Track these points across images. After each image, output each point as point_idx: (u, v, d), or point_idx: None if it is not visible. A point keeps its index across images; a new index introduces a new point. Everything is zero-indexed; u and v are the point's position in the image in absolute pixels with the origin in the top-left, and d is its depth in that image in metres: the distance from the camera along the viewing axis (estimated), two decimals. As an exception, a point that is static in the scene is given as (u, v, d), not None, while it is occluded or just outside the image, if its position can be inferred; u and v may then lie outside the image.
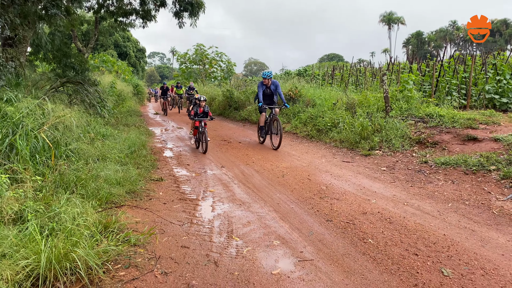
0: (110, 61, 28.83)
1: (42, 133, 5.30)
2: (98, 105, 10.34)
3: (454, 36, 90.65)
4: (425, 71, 13.72)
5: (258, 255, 3.63)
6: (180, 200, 5.35)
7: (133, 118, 15.80)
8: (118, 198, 4.90)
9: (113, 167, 5.75)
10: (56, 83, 9.70)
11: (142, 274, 3.18)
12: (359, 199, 5.34)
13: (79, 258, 2.93)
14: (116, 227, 3.81)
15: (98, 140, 7.30)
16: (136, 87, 30.02)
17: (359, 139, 8.88)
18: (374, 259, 3.55)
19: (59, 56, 12.37)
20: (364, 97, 11.18)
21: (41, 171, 4.76)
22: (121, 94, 20.71)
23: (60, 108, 6.34)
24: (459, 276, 3.21)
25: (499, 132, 7.24)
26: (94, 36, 19.22)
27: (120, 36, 44.71)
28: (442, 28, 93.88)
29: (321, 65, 31.40)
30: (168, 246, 3.79)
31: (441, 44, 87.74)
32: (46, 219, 3.48)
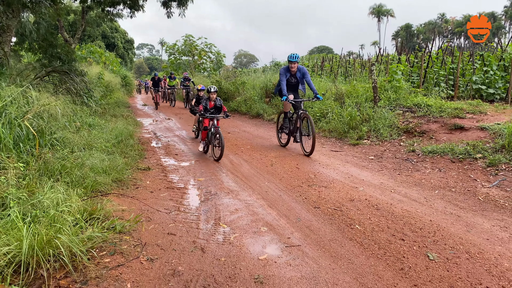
0: (98, 52, 28.44)
1: (26, 122, 5.20)
2: (85, 95, 10.20)
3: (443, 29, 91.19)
4: (414, 62, 13.76)
5: (245, 241, 3.61)
6: (168, 189, 5.30)
7: (121, 109, 15.63)
8: (104, 186, 4.84)
9: (99, 156, 5.68)
10: (41, 72, 9.52)
11: (127, 260, 3.14)
12: (347, 187, 5.35)
13: (62, 245, 2.88)
14: (102, 215, 3.75)
15: (85, 129, 7.19)
16: (124, 78, 29.68)
17: (348, 129, 8.90)
18: (361, 245, 3.56)
19: (45, 46, 12.15)
20: (353, 88, 11.19)
21: (25, 160, 4.67)
22: (109, 85, 20.46)
23: (45, 96, 6.23)
24: (445, 260, 3.23)
25: (486, 121, 7.30)
26: (81, 27, 18.89)
27: (108, 27, 44.08)
28: (431, 21, 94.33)
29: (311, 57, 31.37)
30: (154, 233, 3.76)
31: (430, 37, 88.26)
32: (29, 207, 3.41)
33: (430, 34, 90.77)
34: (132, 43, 52.87)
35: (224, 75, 22.66)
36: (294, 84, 8.03)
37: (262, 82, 15.66)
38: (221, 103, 8.00)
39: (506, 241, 3.59)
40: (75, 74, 10.67)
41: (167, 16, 15.62)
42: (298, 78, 7.99)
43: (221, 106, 7.79)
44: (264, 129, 11.22)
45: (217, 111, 7.87)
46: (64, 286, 2.75)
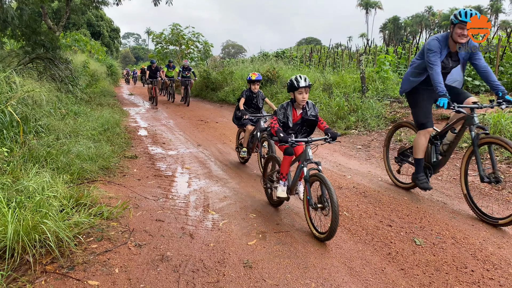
0: (83, 40, 27.87)
1: (10, 107, 5.09)
2: (70, 83, 10.02)
3: (430, 22, 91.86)
4: (401, 53, 13.85)
5: (234, 228, 3.61)
6: (155, 177, 5.26)
7: (107, 98, 15.40)
8: (91, 174, 4.77)
9: (85, 143, 5.59)
10: (25, 59, 9.32)
11: (115, 246, 3.11)
12: (335, 175, 5.38)
13: (48, 230, 2.83)
14: (89, 201, 3.70)
15: (70, 117, 7.08)
16: (110, 67, 29.23)
17: (336, 119, 8.93)
18: (349, 230, 3.58)
19: (28, 33, 11.86)
20: (341, 78, 11.22)
21: (9, 146, 4.57)
22: (95, 74, 20.12)
23: (29, 82, 6.11)
24: (431, 245, 3.27)
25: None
26: (65, 14, 18.45)
27: (93, 15, 43.26)
28: (418, 14, 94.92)
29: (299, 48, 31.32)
30: (142, 220, 3.73)
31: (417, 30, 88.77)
32: (14, 192, 3.35)
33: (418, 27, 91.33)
34: (118, 32, 52.06)
35: (211, 65, 22.49)
36: None
37: (250, 72, 15.59)
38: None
39: (491, 227, 3.65)
40: (59, 62, 10.48)
41: (154, 4, 15.43)
42: None
43: (315, 118, 4.03)
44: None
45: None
46: (50, 271, 2.71)
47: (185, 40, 25.69)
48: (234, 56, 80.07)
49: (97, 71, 21.53)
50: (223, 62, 25.89)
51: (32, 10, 14.32)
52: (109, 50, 43.95)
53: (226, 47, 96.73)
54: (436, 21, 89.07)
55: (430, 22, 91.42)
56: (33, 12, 14.20)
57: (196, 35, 25.87)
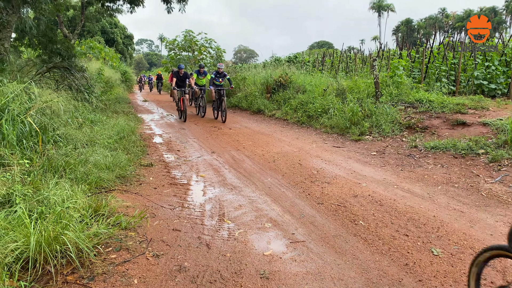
0: (97, 48, 28.31)
1: (29, 118, 5.21)
2: (86, 91, 10.19)
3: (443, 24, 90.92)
4: (415, 57, 13.74)
5: (250, 237, 3.63)
6: (171, 185, 5.31)
7: (122, 105, 15.61)
8: (108, 183, 4.85)
9: (102, 152, 5.68)
10: (42, 68, 9.51)
11: (133, 256, 3.16)
12: (350, 183, 5.36)
13: (69, 241, 2.89)
14: (107, 211, 3.77)
15: (87, 125, 7.20)
16: (124, 74, 29.61)
17: (350, 125, 8.90)
18: (365, 240, 3.57)
19: (45, 41, 12.11)
20: (354, 83, 11.18)
21: (29, 156, 4.68)
22: (109, 81, 20.42)
23: (47, 92, 6.23)
24: (449, 255, 3.25)
25: (488, 117, 7.30)
26: (80, 22, 18.83)
27: (107, 22, 43.92)
28: (432, 16, 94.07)
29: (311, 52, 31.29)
30: (159, 229, 3.77)
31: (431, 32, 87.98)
32: (35, 203, 3.42)
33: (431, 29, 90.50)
34: (131, 39, 52.69)
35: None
36: None
37: (263, 78, 15.62)
38: None
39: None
40: (75, 70, 10.67)
41: (167, 11, 15.55)
42: None
43: None
44: (266, 125, 11.22)
45: None
46: (71, 281, 2.76)
47: (198, 46, 25.86)
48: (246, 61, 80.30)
49: (112, 78, 21.84)
50: (236, 67, 25.99)
51: (48, 18, 14.62)
52: (123, 56, 44.52)
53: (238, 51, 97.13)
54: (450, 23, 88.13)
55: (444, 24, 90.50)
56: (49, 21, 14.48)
57: (208, 41, 26.04)
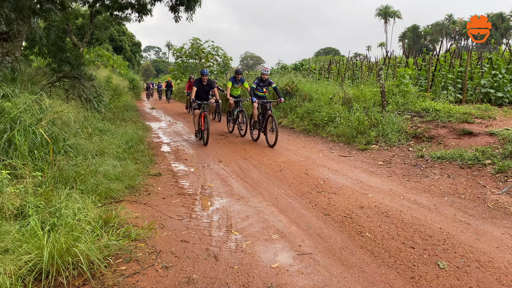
0: (106, 56, 28.64)
1: (40, 129, 5.31)
2: (94, 100, 10.33)
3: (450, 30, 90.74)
4: (421, 65, 13.76)
5: (257, 249, 3.67)
6: (179, 195, 5.38)
7: (130, 113, 15.77)
8: (117, 193, 4.93)
9: (111, 162, 5.77)
10: (52, 78, 9.67)
11: (143, 268, 3.22)
12: (356, 193, 5.39)
13: (81, 253, 2.96)
14: (117, 222, 3.83)
15: (96, 135, 7.31)
16: (132, 81, 29.91)
17: (356, 134, 8.93)
18: (372, 253, 3.60)
19: (55, 50, 12.30)
20: (361, 92, 11.22)
21: (40, 167, 4.77)
22: (117, 89, 20.64)
23: (58, 103, 6.34)
24: (455, 269, 3.27)
25: (495, 127, 7.30)
26: (89, 30, 19.12)
27: (116, 30, 44.40)
28: (438, 22, 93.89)
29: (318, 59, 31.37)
30: (168, 240, 3.83)
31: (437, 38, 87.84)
32: (47, 215, 3.50)
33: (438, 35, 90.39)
34: (139, 46, 53.20)
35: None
36: None
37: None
38: None
39: (516, 250, 3.62)
40: (85, 79, 10.82)
41: (175, 20, 15.72)
42: None
43: None
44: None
45: None
46: (83, 293, 2.83)
47: (205, 53, 26.07)
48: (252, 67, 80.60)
49: (120, 86, 22.06)
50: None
51: (57, 27, 14.85)
52: (130, 64, 44.91)
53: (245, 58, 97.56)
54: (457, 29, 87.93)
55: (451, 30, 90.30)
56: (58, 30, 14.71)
57: (215, 49, 26.25)
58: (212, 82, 10.19)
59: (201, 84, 9.86)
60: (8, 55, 9.46)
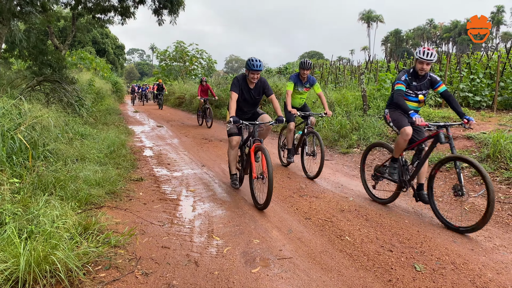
0: (88, 58, 28.37)
1: (19, 134, 5.24)
2: (76, 104, 10.22)
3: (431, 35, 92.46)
4: (402, 69, 14.01)
5: (237, 254, 3.69)
6: (161, 200, 5.36)
7: (112, 116, 15.62)
8: (98, 199, 4.88)
9: (92, 167, 5.72)
10: (32, 81, 9.53)
11: (122, 275, 3.20)
12: (337, 197, 5.46)
13: (58, 261, 2.93)
14: (96, 229, 3.80)
15: (77, 140, 7.22)
16: (115, 84, 29.64)
17: (338, 137, 9.03)
18: (351, 256, 3.65)
19: (35, 53, 12.13)
20: (343, 96, 11.36)
21: (18, 173, 4.70)
22: (100, 92, 20.44)
23: (37, 108, 6.27)
24: (431, 271, 3.34)
25: (472, 130, 7.47)
26: (71, 33, 18.85)
27: (98, 33, 43.98)
28: (420, 27, 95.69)
29: (302, 63, 31.59)
30: (148, 246, 3.82)
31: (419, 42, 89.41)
32: (25, 222, 3.45)
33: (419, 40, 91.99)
34: (122, 49, 52.78)
35: (215, 81, 22.74)
36: None
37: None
38: None
39: (490, 252, 3.72)
40: (66, 83, 10.70)
41: (158, 23, 15.69)
42: None
43: None
44: (256, 137, 11.30)
45: None
46: (60, 302, 2.80)
47: (189, 57, 26.03)
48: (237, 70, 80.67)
49: (102, 89, 21.85)
50: (227, 78, 26.16)
51: (38, 29, 14.64)
52: (114, 67, 44.51)
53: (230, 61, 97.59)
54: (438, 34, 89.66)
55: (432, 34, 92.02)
56: (39, 32, 14.50)
57: (200, 52, 26.24)
58: (267, 86, 5.68)
59: (247, 88, 5.58)
60: (-14, 58, 9.30)
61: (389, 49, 63.29)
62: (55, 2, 16.01)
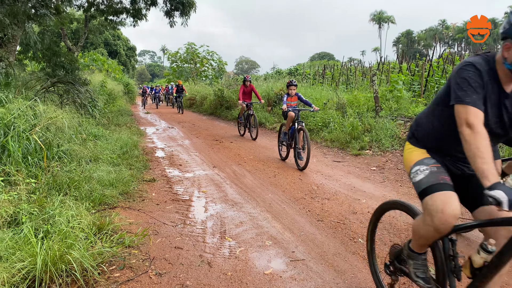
0: (100, 60, 28.67)
1: (34, 135, 5.31)
2: (89, 105, 10.32)
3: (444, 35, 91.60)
4: (415, 70, 13.90)
5: (250, 256, 3.69)
6: (173, 201, 5.39)
7: (124, 117, 15.76)
8: (111, 199, 4.93)
9: (105, 168, 5.78)
10: (46, 83, 9.65)
11: (136, 275, 3.23)
12: (350, 199, 5.43)
13: (74, 260, 2.97)
14: (110, 229, 3.84)
15: (90, 140, 7.30)
16: (126, 85, 29.89)
17: (350, 139, 8.99)
18: (364, 258, 3.63)
19: (49, 55, 12.30)
20: (355, 97, 11.31)
21: (34, 173, 4.77)
22: (112, 93, 20.62)
23: (52, 109, 6.34)
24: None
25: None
26: (84, 35, 19.12)
27: (110, 35, 44.42)
28: (432, 27, 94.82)
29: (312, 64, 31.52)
30: (162, 247, 3.84)
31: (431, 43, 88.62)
32: (41, 222, 3.50)
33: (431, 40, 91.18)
34: (134, 50, 53.24)
35: (226, 82, 22.81)
36: None
37: (264, 91, 15.77)
38: None
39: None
40: (79, 84, 10.81)
41: (170, 25, 15.76)
42: None
43: None
44: (267, 138, 11.31)
45: None
46: (76, 301, 2.83)
47: (200, 58, 26.15)
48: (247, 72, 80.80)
49: (114, 90, 22.04)
50: (237, 79, 26.23)
51: (52, 31, 14.85)
52: (125, 68, 44.90)
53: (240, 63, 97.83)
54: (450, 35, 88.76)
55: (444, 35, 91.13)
56: (53, 34, 14.71)
57: (210, 54, 26.35)
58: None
59: None
60: (2, 60, 9.45)
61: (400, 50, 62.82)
62: (69, 5, 16.23)
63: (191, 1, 15.03)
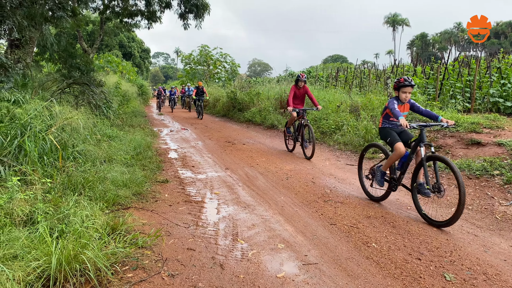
0: (115, 62, 28.97)
1: (50, 135, 5.38)
2: (103, 106, 10.43)
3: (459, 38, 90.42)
4: (429, 74, 13.73)
5: (263, 258, 3.68)
6: (186, 202, 5.41)
7: (138, 118, 15.90)
8: (125, 200, 4.97)
9: (119, 168, 5.82)
10: (62, 84, 9.78)
11: (149, 276, 3.24)
12: (363, 203, 5.38)
13: (88, 260, 2.99)
14: (124, 229, 3.87)
15: (105, 141, 7.38)
16: (140, 87, 30.18)
17: (363, 142, 8.91)
18: (378, 263, 3.59)
19: (65, 56, 12.49)
20: (368, 100, 11.21)
21: (49, 173, 4.83)
22: (126, 95, 20.82)
23: (67, 109, 6.42)
24: (461, 281, 3.25)
25: (503, 137, 7.25)
26: (99, 37, 19.34)
27: (125, 37, 44.91)
28: (447, 30, 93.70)
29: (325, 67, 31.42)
30: (174, 248, 3.85)
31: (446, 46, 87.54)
32: (56, 221, 3.55)
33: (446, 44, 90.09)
34: (148, 52, 53.74)
35: (238, 85, 22.85)
36: None
37: (276, 93, 15.77)
38: None
39: (524, 263, 3.59)
40: (94, 86, 10.94)
41: (184, 27, 15.91)
42: None
43: None
44: (279, 141, 11.29)
45: None
46: (89, 300, 2.85)
47: (213, 60, 26.25)
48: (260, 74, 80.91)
49: (128, 91, 22.25)
50: (250, 81, 26.25)
51: (68, 33, 15.07)
52: (139, 70, 45.33)
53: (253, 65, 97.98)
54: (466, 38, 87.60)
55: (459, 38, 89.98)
56: (69, 36, 14.94)
57: (223, 56, 26.43)
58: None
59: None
60: (20, 61, 9.62)
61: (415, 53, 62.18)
62: (85, 7, 16.48)
63: (205, 4, 15.14)
